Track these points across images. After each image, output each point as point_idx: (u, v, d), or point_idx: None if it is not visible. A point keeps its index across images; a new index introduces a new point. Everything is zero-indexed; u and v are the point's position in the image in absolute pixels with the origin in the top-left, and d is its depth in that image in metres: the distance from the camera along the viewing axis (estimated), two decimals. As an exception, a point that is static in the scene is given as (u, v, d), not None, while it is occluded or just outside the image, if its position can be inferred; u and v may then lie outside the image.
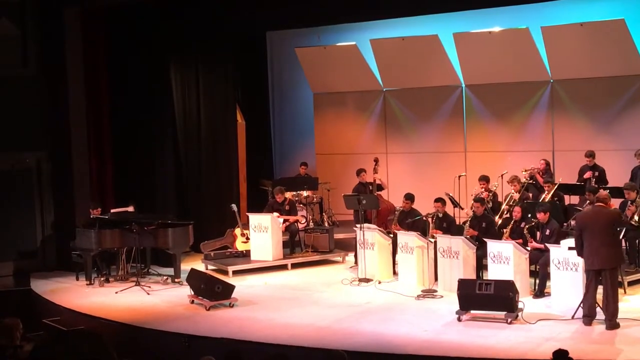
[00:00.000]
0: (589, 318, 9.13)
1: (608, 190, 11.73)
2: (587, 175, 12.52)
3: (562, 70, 14.10)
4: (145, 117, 14.13)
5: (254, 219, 13.13)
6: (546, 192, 12.23)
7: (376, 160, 13.91)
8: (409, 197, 12.25)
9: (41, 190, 13.69)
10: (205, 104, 14.81)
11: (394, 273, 12.09)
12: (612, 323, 8.99)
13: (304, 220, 14.44)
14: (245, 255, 13.23)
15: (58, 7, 13.43)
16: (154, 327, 9.85)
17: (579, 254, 9.33)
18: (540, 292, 10.47)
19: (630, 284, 10.71)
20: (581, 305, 9.28)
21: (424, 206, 12.23)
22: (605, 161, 12.94)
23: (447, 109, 15.52)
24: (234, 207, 13.64)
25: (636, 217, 10.94)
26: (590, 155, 12.75)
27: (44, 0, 13.48)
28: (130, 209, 13.08)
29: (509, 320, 9.31)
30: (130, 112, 14.12)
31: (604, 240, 9.02)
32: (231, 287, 10.76)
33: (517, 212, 11.09)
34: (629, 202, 11.18)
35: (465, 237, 11.06)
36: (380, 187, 13.70)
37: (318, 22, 15.77)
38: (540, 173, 12.98)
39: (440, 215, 11.75)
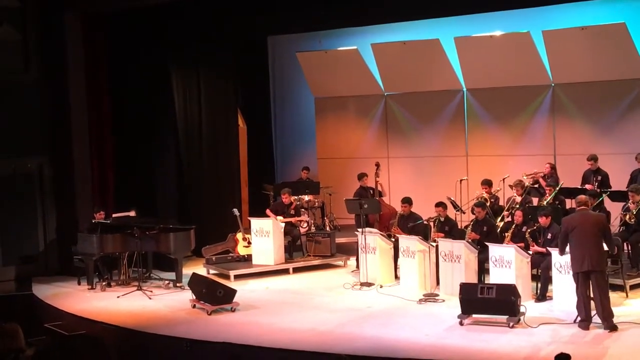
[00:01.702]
0: (586, 322, 9.13)
1: (607, 193, 11.77)
2: (589, 187, 12.42)
3: (564, 74, 14.10)
4: (146, 120, 14.19)
5: (256, 223, 13.12)
6: (547, 194, 12.23)
7: (377, 165, 13.92)
8: (407, 201, 12.24)
9: (43, 194, 13.70)
10: (207, 108, 14.82)
11: (396, 277, 12.08)
12: (609, 324, 9.01)
13: (305, 225, 14.43)
14: (247, 259, 13.25)
15: (58, 11, 13.45)
16: (156, 332, 9.84)
17: (562, 253, 9.53)
18: (542, 296, 10.46)
19: (632, 287, 10.69)
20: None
21: (426, 210, 12.22)
22: (607, 165, 12.90)
23: (449, 113, 15.50)
24: (236, 211, 13.64)
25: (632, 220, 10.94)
26: (593, 158, 12.68)
27: (45, 4, 13.51)
28: (132, 213, 13.09)
29: (511, 324, 9.30)
30: (132, 116, 14.17)
31: (592, 243, 9.08)
32: (233, 292, 10.75)
33: (518, 216, 11.08)
34: (631, 203, 11.14)
35: (467, 241, 11.06)
36: (380, 194, 13.68)
37: (319, 26, 15.76)
38: (546, 177, 12.93)
39: (442, 219, 11.74)
